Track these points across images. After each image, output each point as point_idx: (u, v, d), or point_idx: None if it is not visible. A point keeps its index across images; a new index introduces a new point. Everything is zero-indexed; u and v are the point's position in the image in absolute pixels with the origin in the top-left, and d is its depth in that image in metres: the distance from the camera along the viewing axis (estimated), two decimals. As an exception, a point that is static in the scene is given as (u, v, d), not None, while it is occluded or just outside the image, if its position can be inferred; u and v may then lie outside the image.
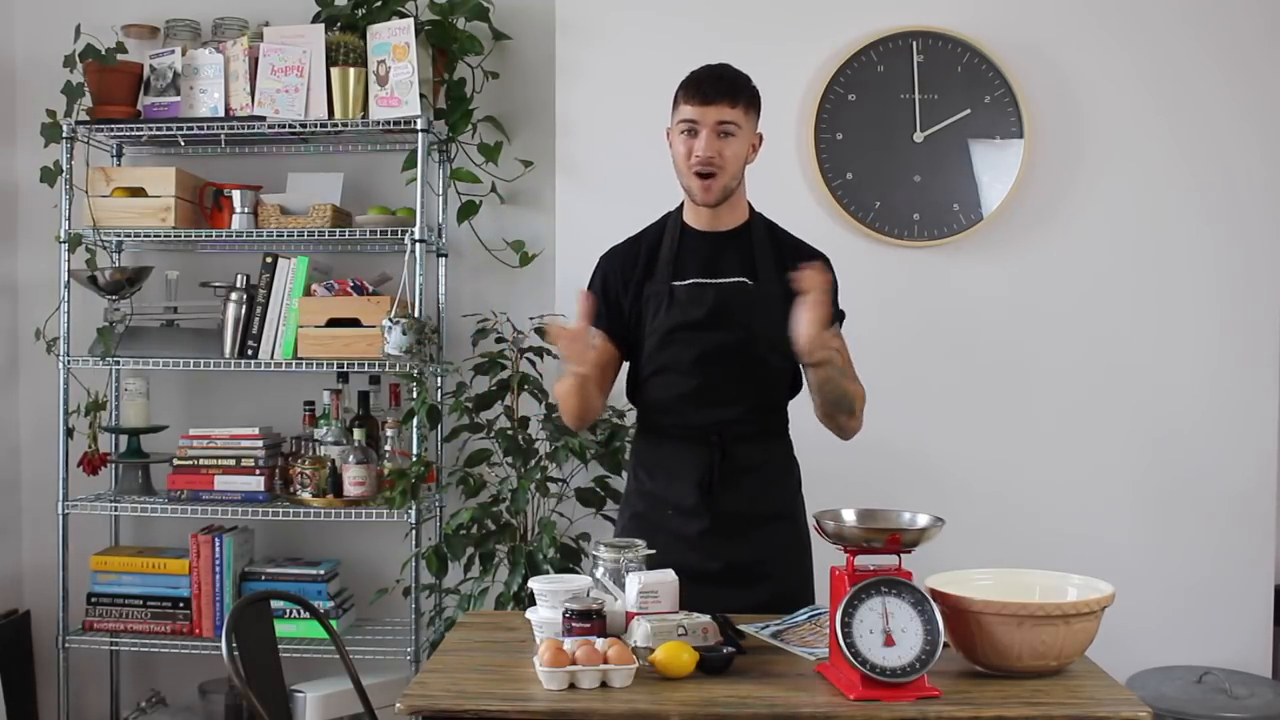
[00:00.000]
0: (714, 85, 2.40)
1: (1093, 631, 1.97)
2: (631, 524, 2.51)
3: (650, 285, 2.48)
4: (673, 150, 2.46)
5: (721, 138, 2.39)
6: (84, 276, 3.44)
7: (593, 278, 2.57)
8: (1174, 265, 3.37)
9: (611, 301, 2.51)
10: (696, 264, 2.48)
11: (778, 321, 2.34)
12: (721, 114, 2.39)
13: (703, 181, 2.41)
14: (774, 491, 2.52)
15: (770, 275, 2.45)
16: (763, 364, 2.46)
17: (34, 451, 3.79)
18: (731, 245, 2.49)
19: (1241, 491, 3.35)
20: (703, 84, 2.41)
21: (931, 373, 3.39)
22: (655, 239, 2.53)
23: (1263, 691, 3.11)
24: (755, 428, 2.49)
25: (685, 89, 2.43)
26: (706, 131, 2.39)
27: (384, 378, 3.57)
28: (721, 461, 2.44)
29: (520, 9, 3.61)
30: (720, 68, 2.45)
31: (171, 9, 3.60)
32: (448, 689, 1.91)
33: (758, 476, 2.48)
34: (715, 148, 2.39)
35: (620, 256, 2.55)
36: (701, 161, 2.39)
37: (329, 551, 3.66)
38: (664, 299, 2.46)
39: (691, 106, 2.40)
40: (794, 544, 2.52)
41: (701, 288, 2.45)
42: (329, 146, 3.70)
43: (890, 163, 3.35)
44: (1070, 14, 3.36)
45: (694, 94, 2.40)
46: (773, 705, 1.83)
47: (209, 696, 3.48)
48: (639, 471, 2.56)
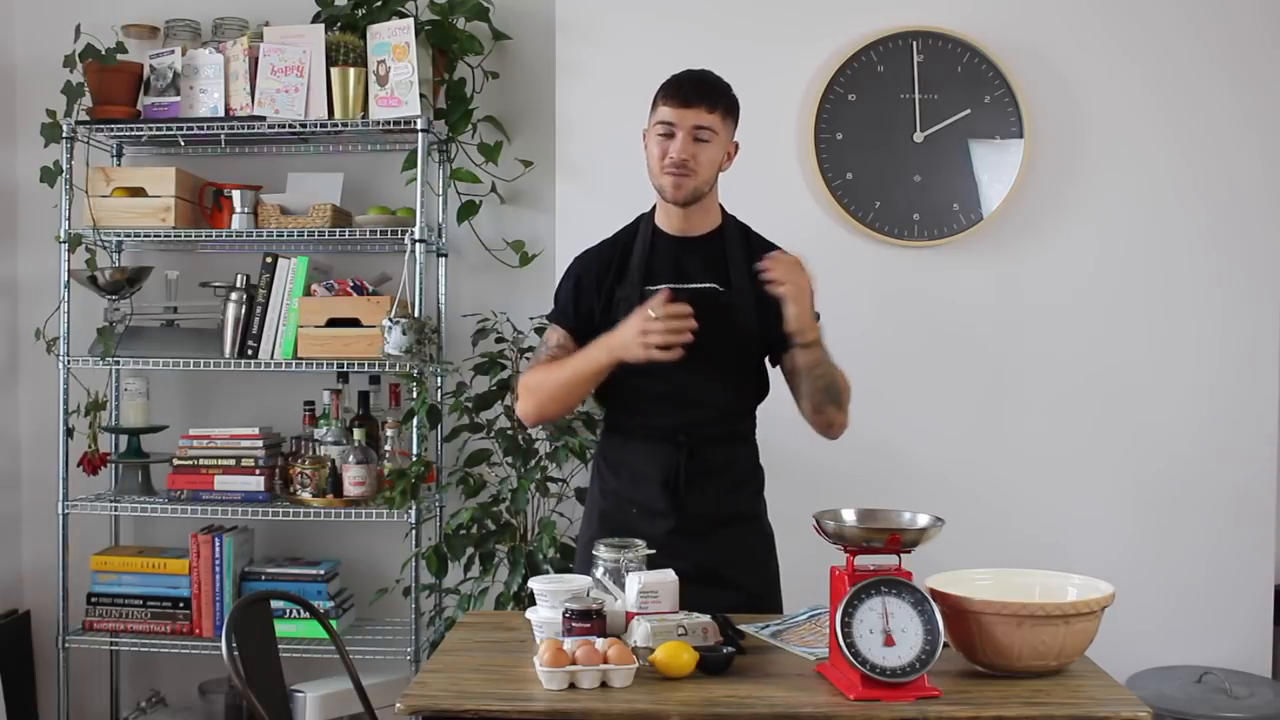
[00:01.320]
0: (694, 89, 2.40)
1: (1093, 631, 1.97)
2: (598, 523, 2.50)
3: (621, 289, 2.47)
4: (647, 151, 2.45)
5: (696, 142, 2.39)
6: (84, 276, 3.44)
7: (565, 279, 2.56)
8: (1174, 265, 3.37)
9: (582, 303, 2.50)
10: (667, 269, 2.47)
11: (749, 326, 2.38)
12: (699, 118, 2.38)
13: (674, 178, 2.40)
14: (740, 494, 2.52)
15: (743, 279, 2.44)
16: (732, 368, 2.46)
17: (34, 451, 3.79)
18: (703, 250, 2.48)
19: (1241, 491, 3.35)
20: (683, 87, 2.40)
21: (931, 372, 3.39)
22: (628, 242, 2.53)
23: (1263, 691, 3.11)
24: (722, 430, 2.49)
25: (664, 91, 2.42)
26: (683, 134, 2.38)
27: (384, 378, 3.58)
28: (688, 463, 2.44)
29: (520, 9, 3.61)
30: (701, 73, 2.44)
31: (171, 9, 3.60)
32: (448, 689, 1.91)
33: (724, 479, 2.48)
34: (690, 150, 2.38)
35: (593, 259, 2.54)
36: (675, 164, 2.39)
37: (329, 551, 3.66)
38: (634, 303, 2.41)
39: (669, 109, 2.39)
40: (760, 546, 2.53)
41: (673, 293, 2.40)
42: (329, 146, 3.70)
43: (890, 163, 3.35)
44: (1071, 14, 3.36)
45: (673, 97, 2.40)
46: (773, 705, 1.83)
47: (209, 696, 3.48)
48: (604, 470, 2.55)
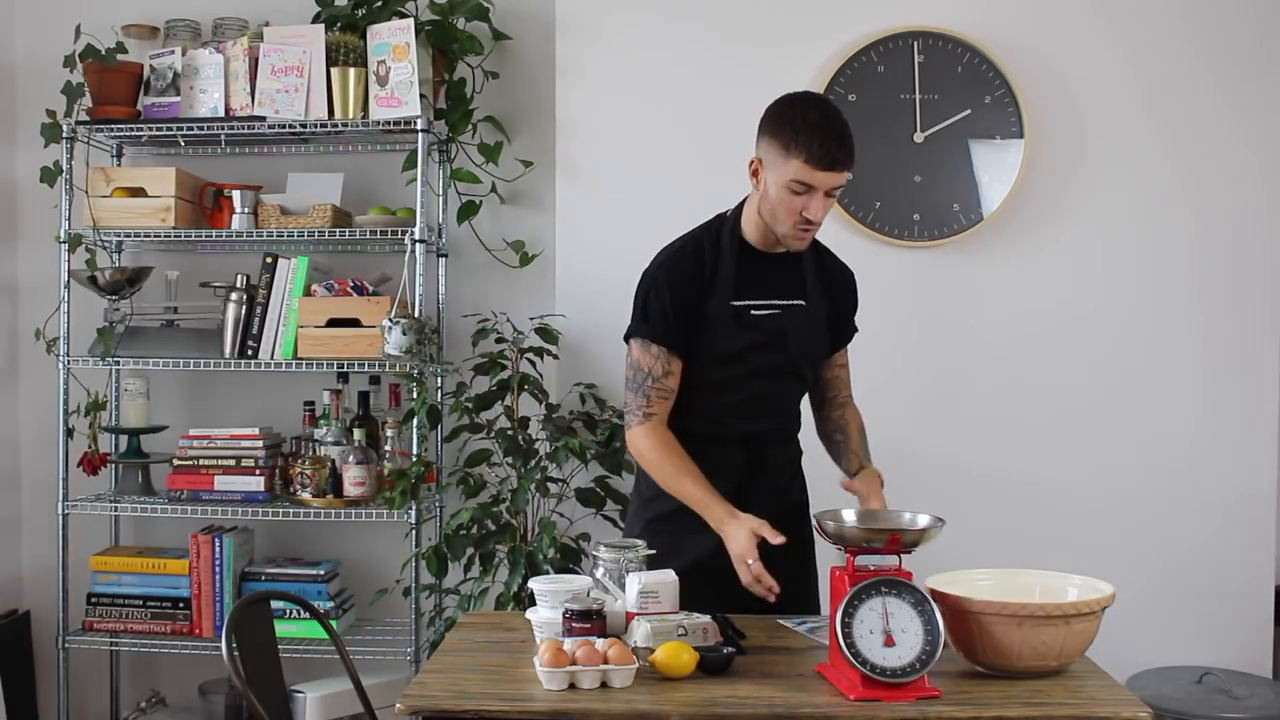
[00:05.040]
0: (840, 153, 2.27)
1: (1093, 632, 1.97)
2: (654, 525, 2.46)
3: (711, 303, 2.42)
4: (772, 197, 2.33)
5: (829, 197, 2.32)
6: (84, 276, 3.44)
7: (655, 290, 2.43)
8: (1173, 265, 3.36)
9: (679, 317, 2.41)
10: (755, 284, 2.44)
11: (818, 339, 2.48)
12: (839, 180, 2.30)
13: (804, 234, 2.36)
14: (794, 489, 2.59)
15: (817, 295, 2.48)
16: (801, 378, 2.53)
17: (34, 451, 3.79)
18: (784, 265, 2.47)
19: (1241, 492, 3.35)
20: (831, 150, 2.26)
21: (931, 373, 3.39)
22: (714, 252, 2.45)
23: (1263, 692, 3.11)
24: (783, 433, 2.56)
25: (809, 150, 2.26)
26: (821, 195, 2.30)
27: (384, 378, 3.57)
28: (753, 463, 2.49)
29: (520, 9, 3.61)
30: (842, 130, 2.29)
31: (171, 9, 3.60)
32: (448, 689, 1.91)
33: (782, 476, 2.55)
34: (827, 209, 2.34)
35: (686, 268, 2.44)
36: (812, 224, 2.34)
37: (329, 551, 3.66)
38: (727, 319, 2.40)
39: (813, 170, 2.26)
40: (806, 541, 2.54)
41: (766, 310, 2.43)
42: (329, 146, 3.69)
43: (890, 163, 3.35)
44: (1071, 15, 3.36)
45: (821, 159, 2.26)
46: (773, 705, 1.84)
47: (209, 696, 3.48)
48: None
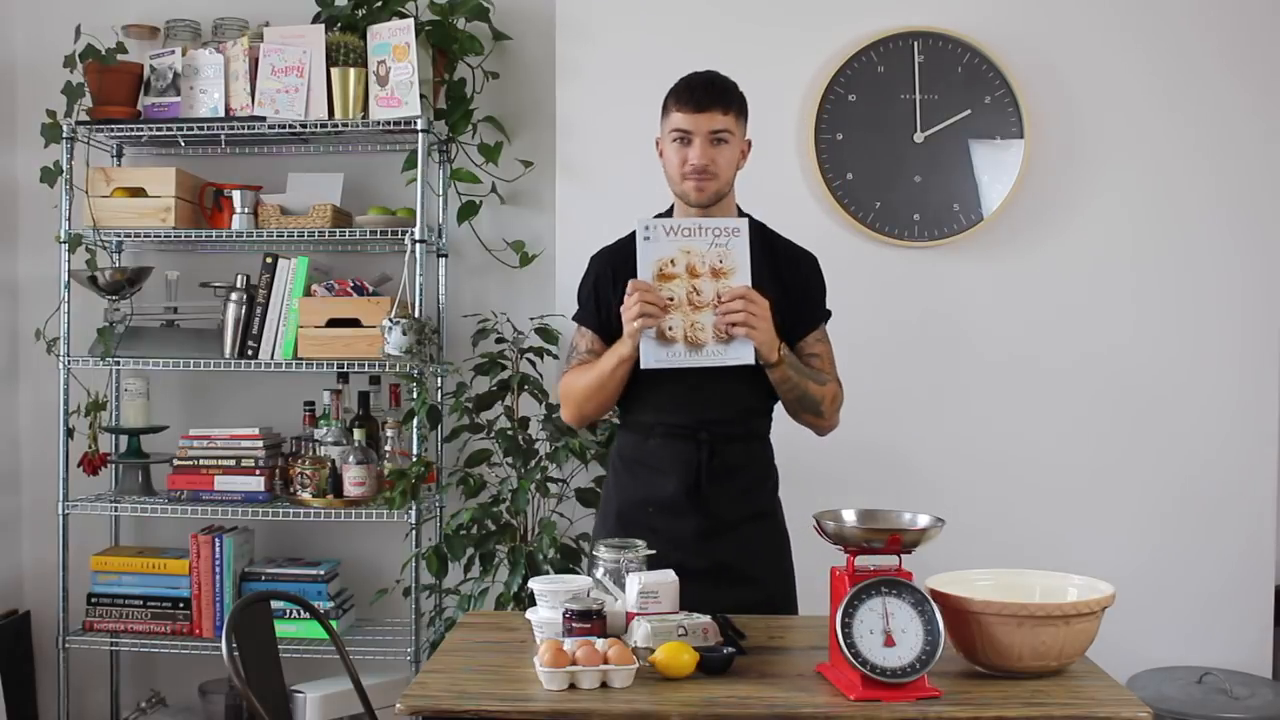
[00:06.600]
0: (707, 93, 2.39)
1: (1093, 632, 1.97)
2: (614, 523, 2.50)
3: None
4: (664, 159, 2.46)
5: (715, 145, 2.39)
6: (84, 277, 3.44)
7: (585, 278, 2.56)
8: (1174, 265, 3.37)
9: (602, 302, 2.50)
10: None
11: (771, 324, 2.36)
12: (714, 122, 2.38)
13: (696, 183, 2.40)
14: (757, 492, 2.52)
15: (763, 279, 2.42)
16: (752, 367, 2.44)
17: (34, 452, 3.79)
18: None
19: (1241, 492, 3.35)
20: (695, 91, 2.39)
21: (931, 372, 3.39)
22: None
23: (1263, 692, 3.11)
24: (742, 429, 2.50)
25: (676, 97, 2.41)
26: (700, 139, 2.38)
27: (384, 378, 3.58)
28: (709, 461, 2.44)
29: (520, 9, 3.61)
30: (710, 74, 2.43)
31: (171, 9, 3.60)
32: (448, 689, 1.91)
33: (744, 477, 2.49)
34: (709, 155, 2.39)
35: (610, 257, 2.53)
36: (696, 170, 2.39)
37: (329, 552, 3.66)
38: None
39: (684, 114, 2.39)
40: (776, 544, 2.53)
41: None
42: (329, 147, 3.69)
43: (890, 163, 3.35)
44: (1071, 15, 3.36)
45: (687, 102, 2.39)
46: (773, 705, 1.83)
47: (209, 696, 3.48)
48: (620, 469, 2.55)
